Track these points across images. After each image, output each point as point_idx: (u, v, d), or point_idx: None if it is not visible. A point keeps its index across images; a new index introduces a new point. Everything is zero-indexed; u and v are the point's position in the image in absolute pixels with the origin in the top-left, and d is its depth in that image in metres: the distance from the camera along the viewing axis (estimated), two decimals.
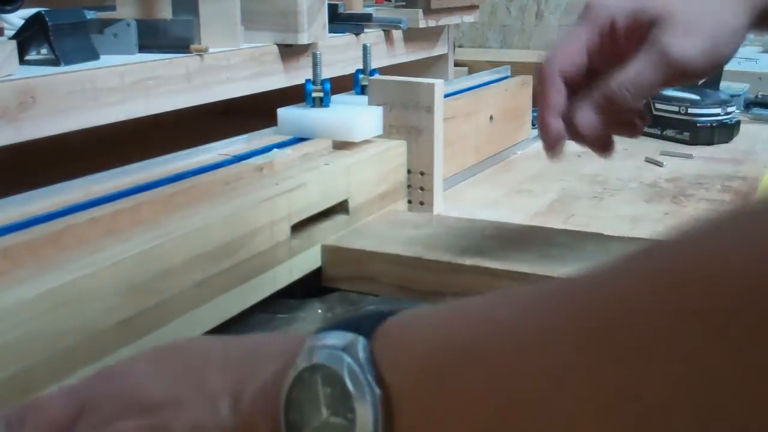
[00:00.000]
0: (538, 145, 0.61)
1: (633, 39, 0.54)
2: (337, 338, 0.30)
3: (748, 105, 1.31)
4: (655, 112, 1.20)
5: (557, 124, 0.56)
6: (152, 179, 0.60)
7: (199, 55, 0.81)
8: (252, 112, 1.04)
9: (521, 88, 1.12)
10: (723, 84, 1.27)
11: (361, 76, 0.85)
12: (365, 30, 1.10)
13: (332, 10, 1.04)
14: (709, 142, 1.12)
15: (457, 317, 0.29)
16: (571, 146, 0.58)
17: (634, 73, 0.53)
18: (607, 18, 0.55)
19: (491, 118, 1.02)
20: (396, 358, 0.29)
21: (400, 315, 0.30)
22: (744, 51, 2.02)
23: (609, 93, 0.54)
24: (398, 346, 0.29)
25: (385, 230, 0.70)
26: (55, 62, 0.71)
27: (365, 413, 0.28)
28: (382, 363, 0.29)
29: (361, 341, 0.29)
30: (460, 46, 1.62)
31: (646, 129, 1.25)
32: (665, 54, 0.52)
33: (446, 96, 0.89)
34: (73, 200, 0.54)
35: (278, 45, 0.92)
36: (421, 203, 0.81)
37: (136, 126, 0.81)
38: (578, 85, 0.56)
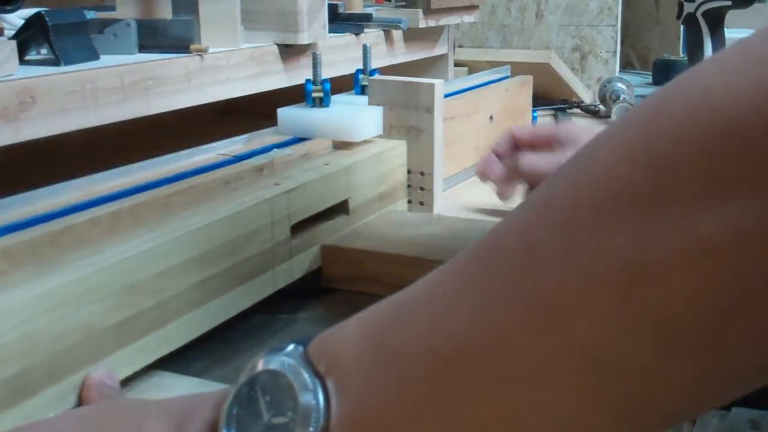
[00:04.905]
0: None
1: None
2: (276, 351, 0.31)
3: None
4: None
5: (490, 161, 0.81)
6: (152, 179, 0.60)
7: (199, 55, 0.81)
8: (252, 112, 1.05)
9: (521, 88, 1.12)
10: None
11: (361, 76, 0.85)
12: (365, 30, 1.10)
13: (332, 10, 1.04)
14: None
15: (380, 304, 0.31)
16: None
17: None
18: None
19: (491, 118, 1.02)
20: (330, 348, 0.30)
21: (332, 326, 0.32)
22: None
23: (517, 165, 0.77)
24: (331, 341, 0.31)
25: (385, 230, 0.70)
26: (55, 62, 0.71)
27: (308, 404, 0.29)
28: (318, 358, 0.30)
29: (298, 347, 0.31)
30: (460, 46, 1.62)
31: None
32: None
33: (446, 96, 0.89)
34: (73, 200, 0.54)
35: (278, 45, 0.92)
36: (421, 203, 0.81)
37: (136, 126, 0.81)
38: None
